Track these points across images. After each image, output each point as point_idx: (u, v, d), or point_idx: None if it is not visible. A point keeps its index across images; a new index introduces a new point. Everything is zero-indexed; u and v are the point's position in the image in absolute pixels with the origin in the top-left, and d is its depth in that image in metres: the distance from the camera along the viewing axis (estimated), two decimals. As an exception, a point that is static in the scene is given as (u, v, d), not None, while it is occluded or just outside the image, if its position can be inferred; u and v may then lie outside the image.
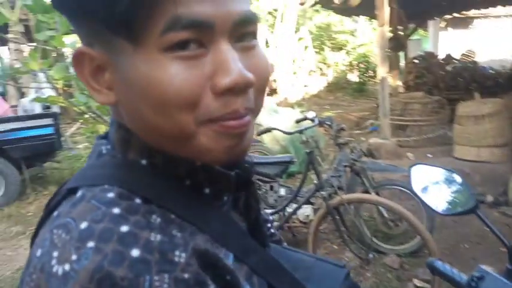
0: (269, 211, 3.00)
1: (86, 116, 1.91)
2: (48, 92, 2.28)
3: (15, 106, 5.39)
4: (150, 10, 0.35)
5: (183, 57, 0.37)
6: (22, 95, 7.53)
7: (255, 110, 0.43)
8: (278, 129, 3.02)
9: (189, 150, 0.41)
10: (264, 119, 5.44)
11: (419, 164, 0.97)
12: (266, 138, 5.11)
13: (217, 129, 0.39)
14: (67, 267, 0.33)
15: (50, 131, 4.71)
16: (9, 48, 8.18)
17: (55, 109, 5.15)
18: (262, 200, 3.25)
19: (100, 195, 0.38)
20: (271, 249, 0.60)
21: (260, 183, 3.28)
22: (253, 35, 0.42)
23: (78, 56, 0.41)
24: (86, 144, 7.26)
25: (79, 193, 0.40)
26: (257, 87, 0.41)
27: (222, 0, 0.37)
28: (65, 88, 1.89)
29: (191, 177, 0.44)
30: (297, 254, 0.63)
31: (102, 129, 2.31)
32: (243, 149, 0.43)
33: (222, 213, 0.46)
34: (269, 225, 0.73)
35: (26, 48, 8.16)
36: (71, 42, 1.73)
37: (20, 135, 4.51)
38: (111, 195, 0.39)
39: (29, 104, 5.61)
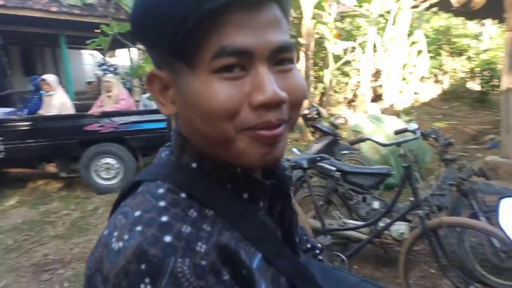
0: (359, 223, 2.88)
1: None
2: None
3: (138, 101, 6.09)
4: (201, 42, 0.45)
5: (227, 78, 0.45)
6: (144, 91, 8.47)
7: (289, 122, 0.50)
8: (372, 140, 2.88)
9: (229, 154, 0.48)
10: (364, 126, 5.23)
11: (509, 197, 0.90)
12: (365, 147, 4.90)
13: (252, 136, 0.47)
14: (120, 244, 0.43)
15: (163, 125, 5.23)
16: (138, 49, 9.24)
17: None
18: (353, 211, 3.14)
19: (153, 190, 0.48)
20: (314, 264, 0.67)
21: (352, 193, 3.16)
22: (290, 60, 0.49)
23: (150, 77, 0.52)
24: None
25: (140, 188, 0.50)
26: (291, 103, 0.48)
27: (262, 31, 0.45)
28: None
29: (232, 182, 0.52)
30: (342, 273, 0.68)
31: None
32: (276, 157, 0.49)
33: (257, 216, 0.53)
34: (317, 251, 0.82)
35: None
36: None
37: (139, 128, 5.11)
38: (161, 190, 0.48)
39: (148, 100, 6.29)
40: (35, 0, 8.55)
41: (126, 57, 13.97)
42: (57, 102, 5.38)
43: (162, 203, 0.46)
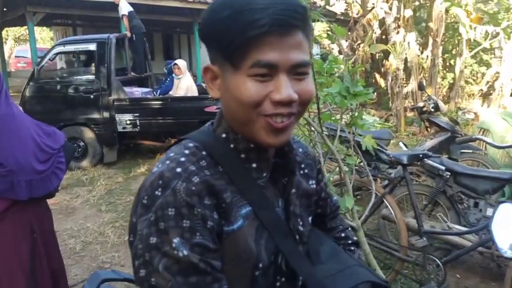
0: (464, 229, 2.63)
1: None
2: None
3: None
4: (244, 54, 0.64)
5: (258, 80, 0.64)
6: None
7: (297, 115, 0.68)
8: (482, 139, 2.56)
9: (248, 131, 0.68)
10: (494, 123, 4.61)
11: (508, 203, 0.97)
12: (492, 148, 4.34)
13: (267, 122, 0.66)
14: (155, 169, 0.68)
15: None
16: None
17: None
18: (462, 216, 2.87)
19: (186, 144, 0.72)
20: (328, 243, 0.84)
21: (462, 196, 2.89)
22: (305, 72, 0.67)
23: (206, 69, 0.72)
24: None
25: (182, 141, 0.74)
26: (301, 101, 0.67)
27: (287, 51, 0.64)
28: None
29: (246, 153, 0.72)
30: (347, 256, 0.83)
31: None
32: (280, 142, 0.68)
33: (256, 180, 0.72)
34: (349, 241, 0.95)
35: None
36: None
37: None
38: (191, 144, 0.71)
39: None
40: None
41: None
42: (184, 85, 6.03)
43: (186, 151, 0.70)
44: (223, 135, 0.72)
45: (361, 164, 2.39)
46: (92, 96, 5.73)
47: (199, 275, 0.62)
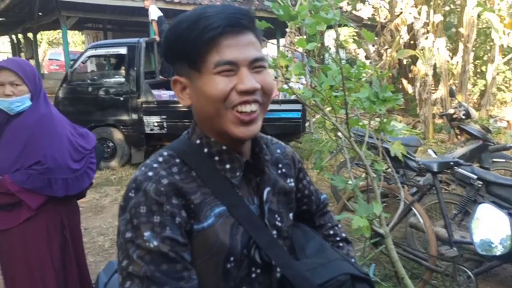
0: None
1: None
2: (297, 85, 2.67)
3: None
4: (207, 57, 0.72)
5: (223, 75, 0.73)
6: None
7: (263, 105, 0.77)
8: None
9: (220, 127, 0.75)
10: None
11: (487, 203, 1.02)
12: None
13: (235, 115, 0.74)
14: (134, 174, 0.76)
15: (297, 115, 5.43)
16: (286, 41, 9.65)
17: (307, 96, 5.84)
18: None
19: (162, 152, 0.79)
20: (315, 238, 0.90)
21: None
22: (262, 65, 0.76)
23: (174, 81, 0.79)
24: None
25: (159, 150, 0.81)
26: (264, 91, 0.75)
27: (242, 50, 0.73)
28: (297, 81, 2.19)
29: (219, 155, 0.79)
30: (332, 250, 0.88)
31: (327, 123, 2.55)
32: (251, 132, 0.75)
33: (229, 181, 0.78)
34: (338, 238, 1.00)
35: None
36: (310, 44, 1.99)
37: (275, 116, 5.41)
38: (165, 153, 0.79)
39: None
40: (202, -3, 9.78)
41: (274, 47, 14.62)
42: (211, 88, 6.09)
43: (160, 159, 0.78)
44: (198, 141, 0.80)
45: (389, 170, 2.36)
46: (121, 99, 5.89)
47: (170, 263, 0.69)
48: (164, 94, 6.39)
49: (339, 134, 3.68)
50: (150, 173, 0.74)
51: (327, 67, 1.86)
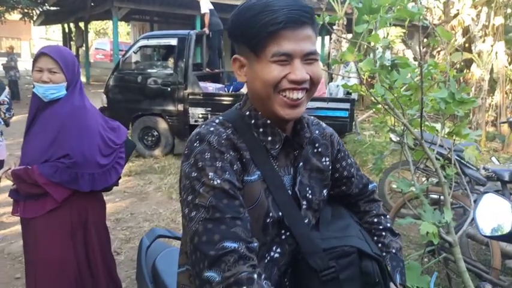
0: None
1: (379, 106, 2.08)
2: (353, 81, 2.59)
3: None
4: (266, 46, 0.81)
5: (278, 64, 0.82)
6: (331, 79, 8.70)
7: (309, 92, 0.86)
8: None
9: (269, 107, 0.85)
10: None
11: (491, 193, 1.22)
12: None
13: (283, 99, 0.84)
14: (195, 131, 0.89)
15: (345, 114, 5.31)
16: (331, 38, 9.50)
17: (354, 96, 5.70)
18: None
19: (217, 118, 0.92)
20: (346, 217, 1.00)
21: None
22: (314, 58, 0.84)
23: (234, 59, 0.89)
24: (372, 132, 7.69)
25: (214, 117, 0.94)
26: (312, 81, 0.85)
27: (299, 43, 0.81)
28: (369, 79, 2.11)
29: (263, 127, 0.90)
30: (357, 232, 0.94)
31: (391, 121, 2.45)
32: (295, 114, 0.86)
33: (269, 152, 0.89)
34: (380, 227, 1.04)
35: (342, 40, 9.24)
36: (384, 39, 1.91)
37: (322, 114, 5.31)
38: (220, 118, 0.92)
39: (334, 88, 6.46)
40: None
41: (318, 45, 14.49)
42: (256, 83, 6.08)
43: (216, 121, 0.90)
44: (247, 113, 0.91)
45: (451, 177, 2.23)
46: (169, 89, 5.99)
47: (229, 199, 0.80)
48: (210, 86, 6.45)
49: (391, 136, 3.54)
50: (212, 129, 0.86)
51: (406, 63, 1.77)
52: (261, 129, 0.89)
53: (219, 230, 0.76)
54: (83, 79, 15.30)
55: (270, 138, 0.89)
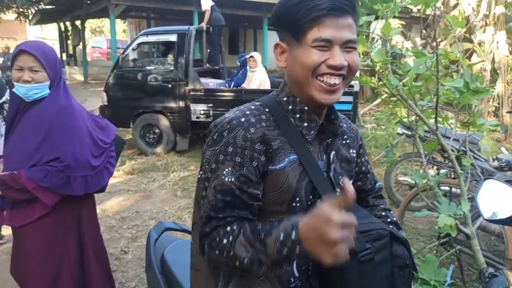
0: None
1: (393, 98, 2.05)
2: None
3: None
4: (308, 31, 0.84)
5: (318, 49, 0.84)
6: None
7: (346, 79, 0.88)
8: None
9: (307, 91, 0.88)
10: None
11: (493, 179, 1.28)
12: None
13: (320, 84, 0.86)
14: (227, 115, 0.92)
15: (348, 107, 5.27)
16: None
17: (356, 89, 5.66)
18: None
19: (255, 103, 0.95)
20: (360, 209, 0.99)
21: None
22: (353, 47, 0.87)
23: (276, 45, 0.92)
24: (373, 125, 7.67)
25: (253, 101, 0.97)
26: (350, 68, 0.87)
27: (340, 30, 0.84)
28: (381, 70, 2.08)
29: (300, 114, 0.92)
30: (369, 216, 0.98)
31: (401, 112, 2.42)
32: (332, 99, 0.88)
33: (304, 137, 0.92)
34: (388, 220, 1.08)
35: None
36: (395, 30, 1.87)
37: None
38: (257, 103, 0.94)
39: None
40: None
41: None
42: (258, 78, 6.04)
43: (252, 107, 0.93)
44: (285, 99, 0.94)
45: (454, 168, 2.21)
46: (169, 86, 5.94)
47: (233, 197, 0.86)
48: (211, 82, 6.40)
49: (399, 129, 3.51)
50: (243, 119, 0.88)
51: (421, 53, 1.74)
52: (297, 115, 0.92)
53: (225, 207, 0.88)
54: (81, 78, 15.20)
55: (306, 124, 0.92)
